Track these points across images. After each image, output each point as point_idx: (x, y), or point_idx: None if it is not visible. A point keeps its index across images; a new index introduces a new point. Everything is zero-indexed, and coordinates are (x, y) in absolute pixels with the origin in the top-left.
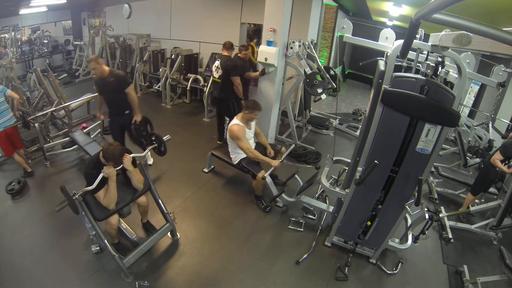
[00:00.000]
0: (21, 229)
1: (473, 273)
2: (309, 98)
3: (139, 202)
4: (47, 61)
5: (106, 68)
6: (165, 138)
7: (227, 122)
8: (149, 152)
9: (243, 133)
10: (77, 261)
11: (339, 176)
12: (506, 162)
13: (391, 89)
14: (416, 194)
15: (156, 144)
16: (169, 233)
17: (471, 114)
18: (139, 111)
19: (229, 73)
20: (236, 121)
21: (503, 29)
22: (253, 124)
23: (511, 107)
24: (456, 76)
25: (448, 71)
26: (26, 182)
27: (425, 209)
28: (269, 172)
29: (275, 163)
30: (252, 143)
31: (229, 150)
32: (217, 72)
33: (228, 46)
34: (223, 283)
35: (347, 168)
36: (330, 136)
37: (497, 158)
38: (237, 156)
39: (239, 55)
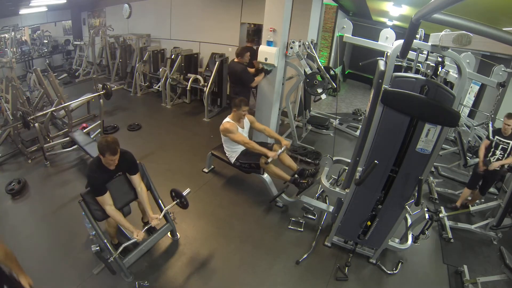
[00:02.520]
0: (21, 229)
1: (473, 273)
2: (309, 98)
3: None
4: (47, 61)
5: None
6: (185, 192)
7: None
8: None
9: (235, 128)
10: (77, 261)
11: (339, 176)
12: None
13: (391, 89)
14: (416, 194)
15: (177, 200)
16: (169, 233)
17: (471, 114)
18: (21, 269)
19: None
20: (227, 119)
21: (503, 29)
22: (246, 123)
23: (511, 107)
24: (456, 76)
25: (448, 71)
26: (26, 182)
27: (425, 209)
28: (270, 159)
29: (272, 153)
30: None
31: (225, 150)
32: None
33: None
34: (223, 283)
35: (347, 168)
36: (330, 136)
37: (484, 144)
38: (232, 155)
39: (235, 60)
